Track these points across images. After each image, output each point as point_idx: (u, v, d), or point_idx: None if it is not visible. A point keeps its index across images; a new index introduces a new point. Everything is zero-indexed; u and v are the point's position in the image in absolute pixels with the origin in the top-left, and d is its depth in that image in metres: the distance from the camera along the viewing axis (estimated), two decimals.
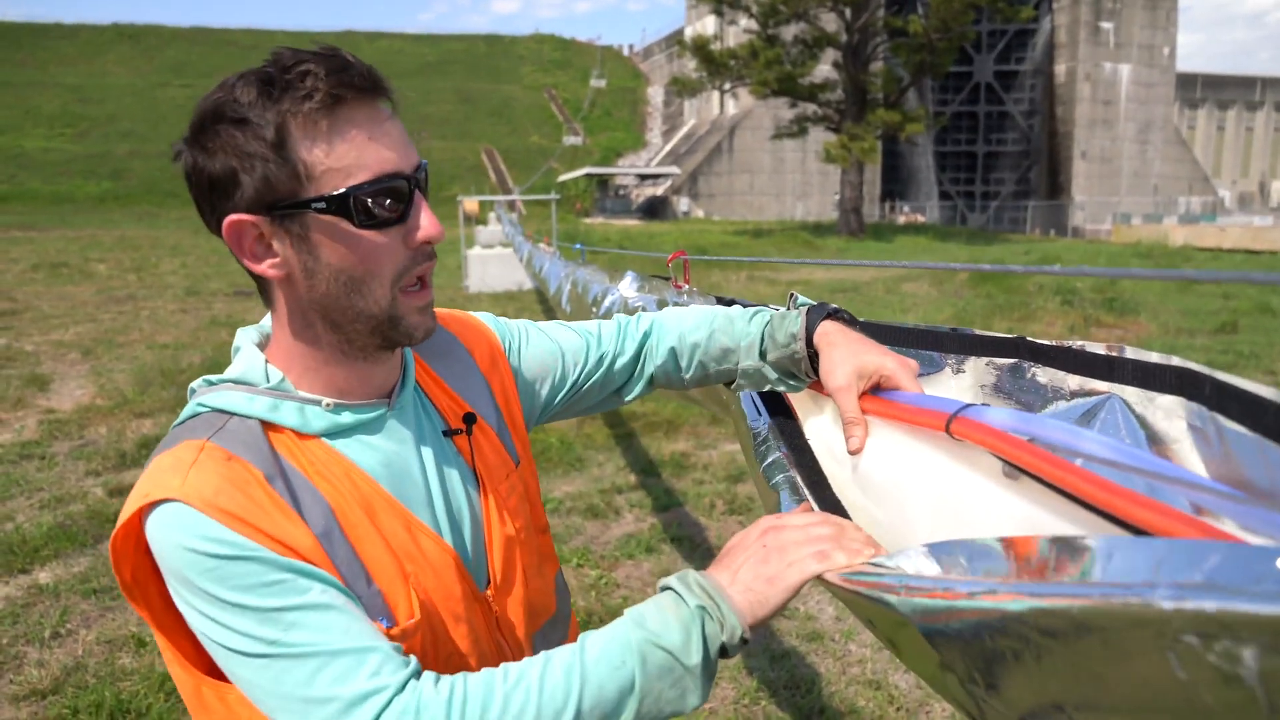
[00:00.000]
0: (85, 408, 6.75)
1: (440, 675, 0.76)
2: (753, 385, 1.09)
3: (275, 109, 0.77)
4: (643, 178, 48.29)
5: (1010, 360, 0.90)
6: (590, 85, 63.37)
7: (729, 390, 1.20)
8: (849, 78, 32.92)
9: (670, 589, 0.79)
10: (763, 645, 3.30)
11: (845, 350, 0.96)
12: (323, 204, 0.79)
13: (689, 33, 48.24)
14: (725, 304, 1.49)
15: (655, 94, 61.82)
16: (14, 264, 17.54)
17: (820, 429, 1.02)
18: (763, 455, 0.99)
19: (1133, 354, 0.74)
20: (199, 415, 0.85)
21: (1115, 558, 0.47)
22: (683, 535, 4.37)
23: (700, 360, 1.13)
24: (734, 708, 2.96)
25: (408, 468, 0.91)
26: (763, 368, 1.06)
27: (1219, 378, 0.61)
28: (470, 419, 1.00)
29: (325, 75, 0.77)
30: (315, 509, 0.81)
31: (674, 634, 0.75)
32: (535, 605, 1.03)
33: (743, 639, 0.76)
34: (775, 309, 1.14)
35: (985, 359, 0.93)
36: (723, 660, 0.77)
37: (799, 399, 1.09)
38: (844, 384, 0.93)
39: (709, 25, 46.79)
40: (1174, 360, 0.68)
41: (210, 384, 0.88)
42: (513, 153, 51.68)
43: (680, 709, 0.76)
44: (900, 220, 45.97)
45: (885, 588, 0.65)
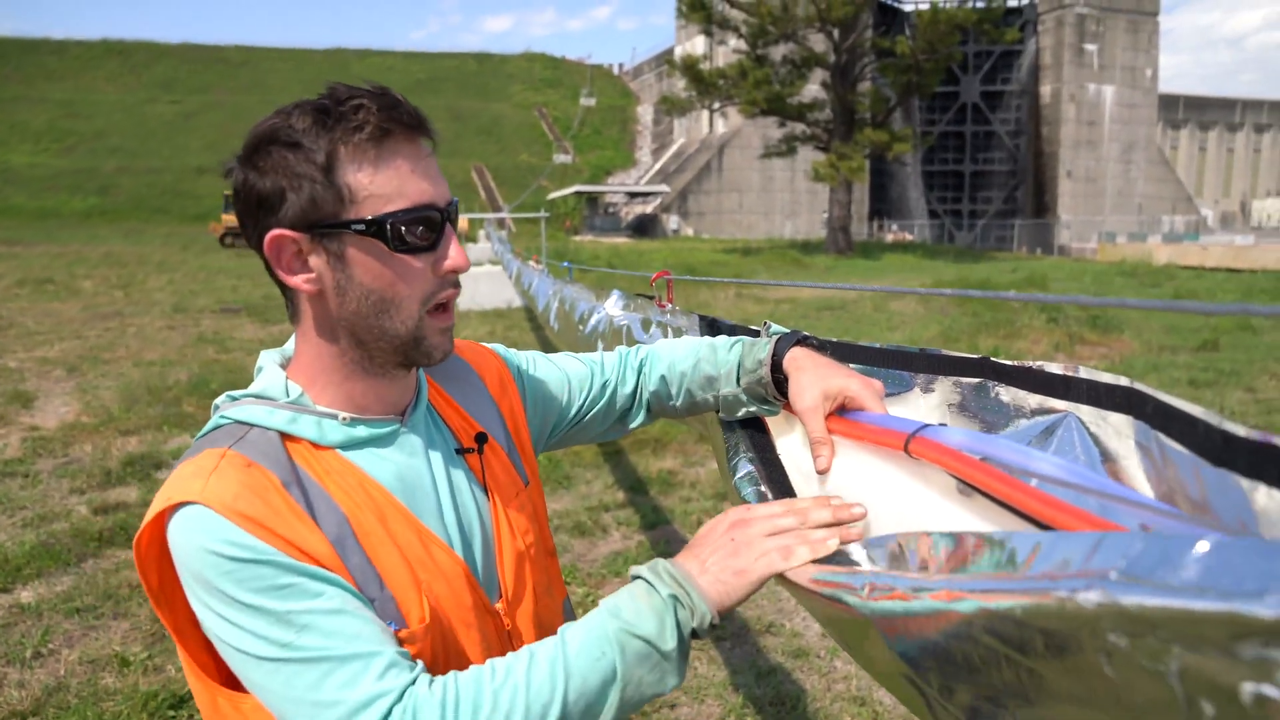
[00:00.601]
0: (70, 425, 6.72)
1: (433, 677, 0.79)
2: (731, 411, 1.14)
3: (328, 136, 0.83)
4: (632, 196, 48.49)
5: (975, 380, 0.93)
6: (580, 103, 63.79)
7: (715, 415, 1.23)
8: (837, 98, 33.26)
9: (641, 578, 0.83)
10: (749, 662, 3.31)
11: (812, 374, 1.00)
12: (362, 226, 0.85)
13: (678, 52, 48.75)
14: (708, 323, 1.52)
15: (645, 112, 62.28)
16: None
17: (790, 448, 1.06)
18: (735, 468, 1.02)
19: (1086, 374, 0.77)
20: (222, 427, 0.89)
21: (1053, 550, 0.49)
22: (670, 553, 4.37)
23: (688, 388, 1.18)
24: None
25: (420, 480, 0.95)
26: (739, 393, 1.11)
27: (1159, 398, 0.64)
28: (482, 438, 1.04)
29: (377, 110, 0.84)
30: (330, 515, 0.85)
31: (649, 623, 0.79)
32: (545, 622, 1.06)
33: (712, 624, 0.81)
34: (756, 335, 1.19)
35: (952, 379, 0.96)
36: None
37: (774, 421, 1.12)
38: (810, 405, 0.98)
39: (698, 45, 47.24)
40: (1122, 381, 0.72)
41: (233, 399, 0.93)
42: (502, 170, 51.88)
43: (661, 690, 0.80)
44: (888, 238, 46.33)
45: (845, 588, 0.67)
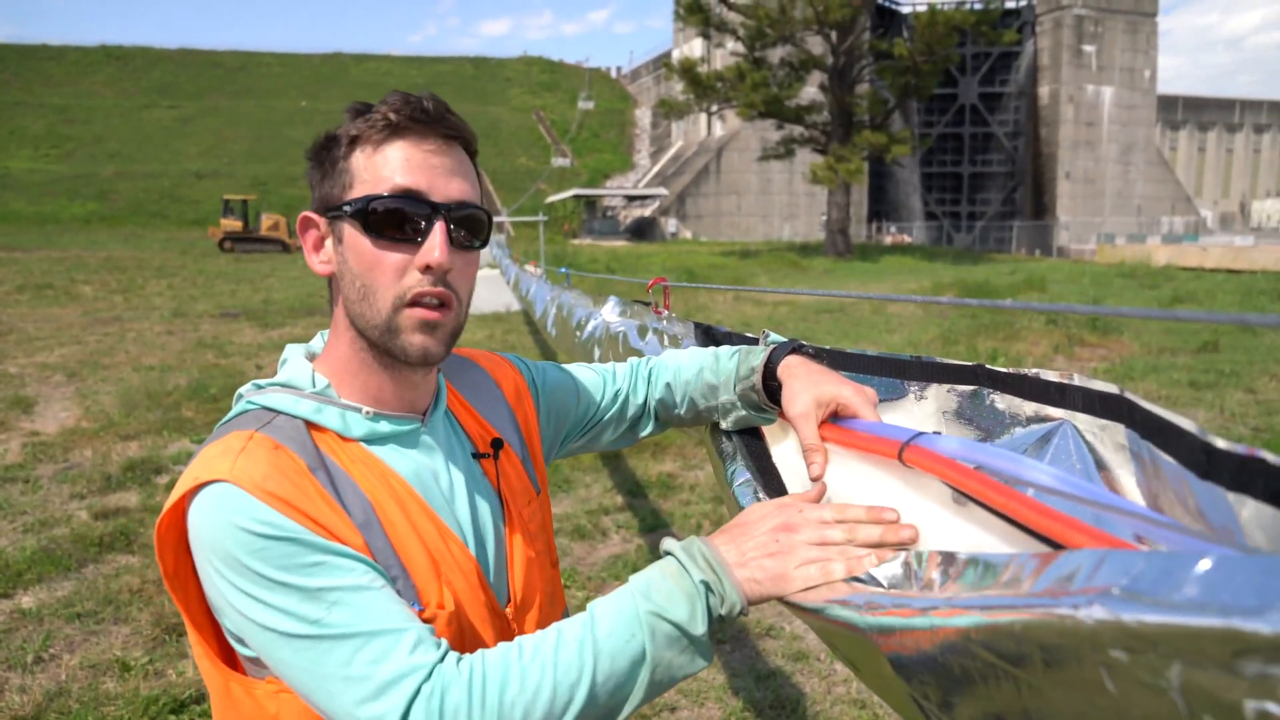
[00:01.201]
0: (70, 430, 6.71)
1: (461, 655, 0.79)
2: (730, 418, 1.14)
3: (353, 128, 0.89)
4: (630, 199, 48.44)
5: (970, 387, 0.94)
6: (578, 107, 63.72)
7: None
8: (835, 100, 33.26)
9: (674, 557, 0.82)
10: (748, 665, 3.31)
11: (805, 381, 1.01)
12: (349, 208, 0.88)
13: (676, 55, 48.76)
14: (704, 330, 1.54)
15: (643, 116, 62.25)
16: None
17: (785, 455, 1.06)
18: (733, 476, 1.03)
19: (1080, 382, 0.77)
20: (247, 411, 0.90)
21: (1056, 567, 0.49)
22: None
23: (691, 396, 1.20)
24: None
25: (438, 480, 0.96)
26: (736, 401, 1.12)
27: (1148, 408, 0.65)
28: (498, 444, 1.05)
29: (396, 107, 0.87)
30: (355, 501, 0.86)
31: (680, 608, 0.78)
32: None
33: (741, 613, 0.80)
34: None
35: (947, 385, 0.97)
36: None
37: (770, 429, 1.13)
38: (802, 412, 0.98)
39: (696, 48, 47.22)
40: (1114, 389, 0.72)
41: (259, 388, 0.93)
42: (500, 174, 51.85)
43: (691, 671, 0.80)
44: (887, 240, 46.31)
45: (847, 605, 0.68)
